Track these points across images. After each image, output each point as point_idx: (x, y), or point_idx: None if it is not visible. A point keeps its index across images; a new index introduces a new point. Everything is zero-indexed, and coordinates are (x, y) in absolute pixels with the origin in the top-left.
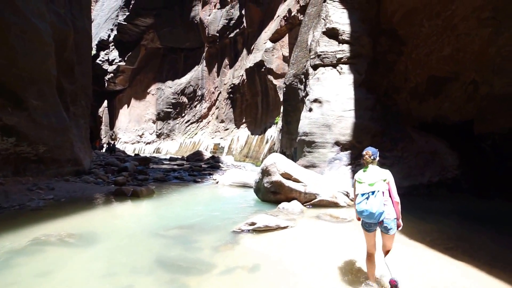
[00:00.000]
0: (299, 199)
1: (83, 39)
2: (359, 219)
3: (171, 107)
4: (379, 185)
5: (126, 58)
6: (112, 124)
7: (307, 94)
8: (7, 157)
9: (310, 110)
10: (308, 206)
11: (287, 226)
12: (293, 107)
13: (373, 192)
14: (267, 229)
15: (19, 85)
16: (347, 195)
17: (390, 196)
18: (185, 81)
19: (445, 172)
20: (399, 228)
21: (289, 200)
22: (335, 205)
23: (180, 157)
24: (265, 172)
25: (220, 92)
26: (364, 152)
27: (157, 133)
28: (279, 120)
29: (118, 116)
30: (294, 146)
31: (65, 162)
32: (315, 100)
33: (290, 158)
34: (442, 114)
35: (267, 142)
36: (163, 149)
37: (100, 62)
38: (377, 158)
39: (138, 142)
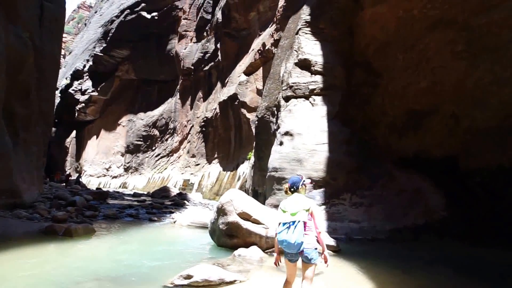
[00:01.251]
0: (259, 244)
1: (49, 65)
2: (278, 252)
3: (141, 139)
4: (301, 215)
5: (99, 89)
6: (78, 156)
7: (278, 127)
8: None
9: (281, 143)
10: (270, 254)
11: (235, 281)
12: (265, 141)
13: (293, 222)
14: (207, 285)
15: None
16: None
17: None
18: (158, 113)
19: (431, 213)
20: (327, 263)
21: (247, 245)
22: None
23: (146, 193)
24: (221, 211)
25: (193, 126)
26: (284, 184)
27: (125, 167)
28: (252, 156)
29: (86, 148)
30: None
31: None
32: (286, 133)
33: (262, 196)
34: (423, 149)
35: (239, 179)
36: (130, 184)
37: (73, 92)
38: (302, 186)
39: (104, 175)
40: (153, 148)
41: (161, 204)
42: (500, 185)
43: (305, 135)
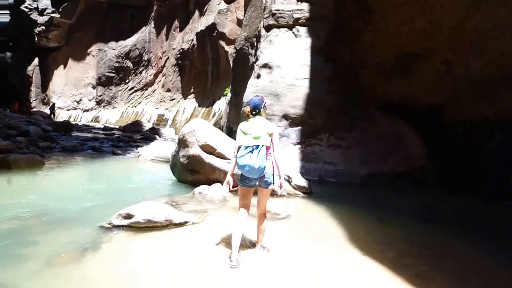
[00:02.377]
0: (223, 182)
1: None
2: (232, 176)
3: (113, 71)
4: (264, 139)
5: (61, 10)
6: (45, 87)
7: (257, 59)
8: None
9: (258, 76)
10: (235, 193)
11: (185, 223)
12: (242, 76)
13: (257, 146)
14: (152, 226)
15: None
16: (289, 180)
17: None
18: (131, 43)
19: (410, 161)
20: (282, 190)
21: (210, 182)
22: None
23: (117, 127)
24: (182, 143)
25: (168, 58)
26: (244, 107)
27: (97, 100)
28: (228, 92)
29: (53, 78)
30: None
31: None
32: (265, 65)
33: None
34: (410, 96)
35: (214, 115)
36: (103, 118)
37: (26, 10)
38: (263, 109)
39: (75, 108)
40: (127, 81)
41: (129, 138)
42: (482, 137)
43: (285, 68)
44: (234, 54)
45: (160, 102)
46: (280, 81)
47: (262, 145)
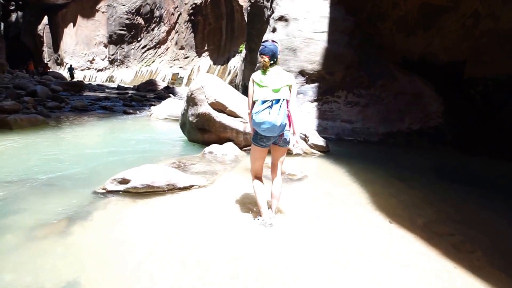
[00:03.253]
0: (236, 141)
1: None
2: (253, 131)
3: (124, 29)
4: (284, 92)
5: None
6: (56, 46)
7: (272, 12)
8: None
9: (274, 30)
10: (247, 151)
11: (191, 187)
12: (257, 31)
13: (277, 101)
14: (152, 192)
15: None
16: (305, 139)
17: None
18: None
19: (428, 119)
20: (298, 148)
21: (222, 141)
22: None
23: (132, 86)
24: (191, 101)
25: (181, 14)
26: (260, 58)
27: (110, 59)
28: (243, 48)
29: (63, 37)
30: None
31: None
32: (281, 18)
33: None
34: (431, 52)
35: (229, 73)
36: (117, 77)
37: None
38: (279, 56)
39: (89, 68)
40: (139, 39)
41: (142, 97)
42: (503, 95)
43: (302, 21)
44: (249, 8)
45: (174, 60)
46: (296, 35)
47: (283, 99)
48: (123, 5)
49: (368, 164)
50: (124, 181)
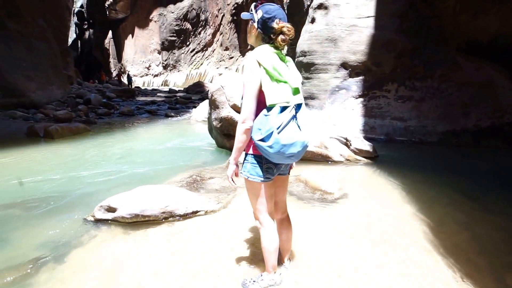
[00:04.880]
0: None
1: None
2: (237, 161)
3: (174, 35)
4: (301, 93)
5: None
6: (119, 57)
7: (311, 1)
8: None
9: (313, 20)
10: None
11: (196, 213)
12: (297, 24)
13: (299, 106)
14: (143, 221)
15: None
16: (347, 143)
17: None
18: (187, 3)
19: (501, 114)
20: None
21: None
22: (324, 158)
23: (183, 89)
24: (212, 103)
25: (224, 15)
26: (281, 24)
27: (163, 64)
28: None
29: (124, 48)
30: None
31: None
32: (320, 6)
33: None
34: (505, 32)
35: None
36: (171, 81)
37: None
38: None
39: (146, 74)
40: (187, 43)
41: (187, 99)
42: None
43: (343, 6)
44: (288, 1)
45: (220, 61)
46: (337, 23)
47: (304, 103)
48: (172, 13)
49: (426, 174)
50: (110, 209)
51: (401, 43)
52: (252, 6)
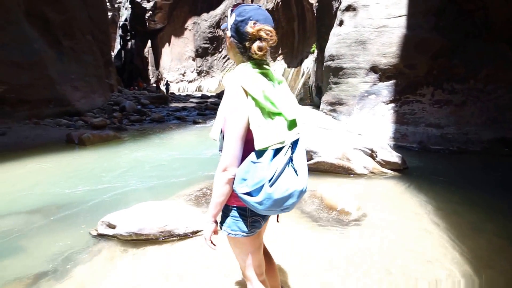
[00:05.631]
0: None
1: None
2: (215, 217)
3: (208, 42)
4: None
5: None
6: (157, 64)
7: (340, 3)
8: None
9: (341, 23)
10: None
11: (197, 233)
12: (326, 28)
13: (296, 143)
14: (142, 240)
15: None
16: (372, 154)
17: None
18: (220, 11)
19: None
20: None
21: None
22: (345, 171)
23: (215, 94)
24: None
25: None
26: (257, 26)
27: (197, 71)
28: (315, 48)
29: (162, 56)
30: None
31: (43, 103)
32: (348, 8)
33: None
34: None
35: (303, 75)
36: (204, 87)
37: (139, 1)
38: None
39: (182, 81)
40: (220, 49)
41: (216, 105)
42: None
43: (373, 7)
44: (317, 4)
45: None
46: (366, 24)
47: (300, 138)
48: (205, 21)
49: (466, 192)
50: (111, 226)
51: (437, 43)
52: (228, 11)
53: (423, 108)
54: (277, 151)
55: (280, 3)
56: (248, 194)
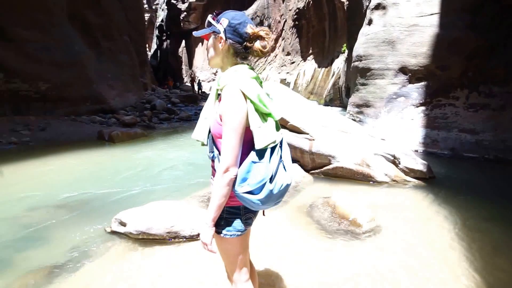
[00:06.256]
0: (302, 161)
1: None
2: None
3: (269, 38)
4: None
5: None
6: (190, 64)
7: (370, 1)
8: (0, 94)
9: (370, 22)
10: (317, 175)
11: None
12: (357, 27)
13: (281, 141)
14: (150, 239)
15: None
16: (395, 161)
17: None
18: (251, 11)
19: None
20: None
21: None
22: (364, 178)
23: None
24: None
25: (286, 20)
26: (257, 28)
27: None
28: (345, 48)
29: (195, 55)
30: None
31: (80, 100)
32: (378, 6)
33: None
34: None
35: (333, 75)
36: None
37: (175, 2)
38: None
39: (213, 80)
40: None
41: None
42: None
43: (403, 5)
44: (347, 3)
45: (282, 66)
46: (396, 23)
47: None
48: None
49: (501, 208)
50: (122, 223)
51: (472, 42)
52: (209, 18)
53: (457, 112)
54: (272, 150)
55: (311, 2)
56: (250, 192)
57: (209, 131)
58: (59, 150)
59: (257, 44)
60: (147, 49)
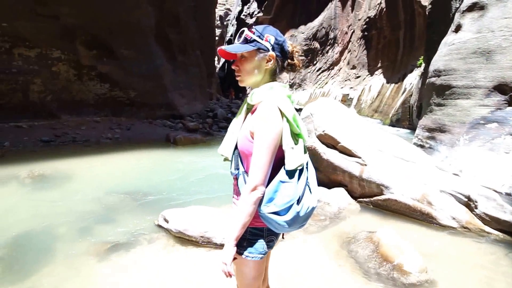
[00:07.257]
0: (349, 187)
1: None
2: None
3: (302, 54)
4: None
5: (263, 8)
6: None
7: (461, 2)
8: (105, 100)
9: (457, 28)
10: (365, 204)
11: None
12: (439, 35)
13: (307, 164)
14: (186, 238)
15: (108, 36)
16: (469, 204)
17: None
18: (317, 23)
19: None
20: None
21: (333, 184)
22: (424, 217)
23: (303, 107)
24: None
25: (354, 31)
26: (288, 42)
27: (290, 83)
28: (422, 61)
29: None
30: None
31: (157, 106)
32: (472, 7)
33: None
34: None
35: (404, 92)
36: (295, 99)
37: (243, 17)
38: None
39: None
40: (314, 62)
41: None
42: None
43: (510, 4)
44: (430, 6)
45: (345, 80)
46: (496, 28)
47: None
48: (302, 33)
49: None
50: (166, 220)
51: None
52: (250, 34)
53: None
54: (300, 172)
55: (384, 9)
56: (275, 213)
57: (235, 147)
58: (137, 147)
59: (295, 60)
60: (216, 61)
